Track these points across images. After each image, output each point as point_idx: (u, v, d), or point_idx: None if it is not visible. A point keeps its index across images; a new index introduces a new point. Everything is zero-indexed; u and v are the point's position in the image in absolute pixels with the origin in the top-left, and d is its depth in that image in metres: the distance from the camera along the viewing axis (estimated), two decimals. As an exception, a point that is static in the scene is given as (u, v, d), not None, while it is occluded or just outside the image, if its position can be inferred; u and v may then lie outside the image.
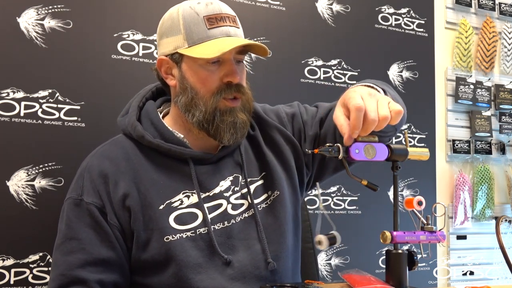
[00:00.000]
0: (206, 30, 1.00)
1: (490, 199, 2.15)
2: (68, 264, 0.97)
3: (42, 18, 1.45)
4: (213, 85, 1.02)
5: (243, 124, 1.04)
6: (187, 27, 1.01)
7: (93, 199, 1.00)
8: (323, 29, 1.89)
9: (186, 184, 1.04)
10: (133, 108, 1.11)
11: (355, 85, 1.04)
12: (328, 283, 0.98)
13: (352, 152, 0.92)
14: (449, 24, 2.19)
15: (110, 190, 1.01)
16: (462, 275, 2.11)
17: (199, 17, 1.00)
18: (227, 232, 1.04)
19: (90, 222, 0.99)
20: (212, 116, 1.02)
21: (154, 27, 1.59)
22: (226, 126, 1.02)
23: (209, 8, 1.02)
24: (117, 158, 1.04)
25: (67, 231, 1.00)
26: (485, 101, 2.20)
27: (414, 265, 0.94)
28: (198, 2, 1.03)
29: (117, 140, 1.10)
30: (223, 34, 1.01)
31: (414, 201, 0.95)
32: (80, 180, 1.04)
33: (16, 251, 1.37)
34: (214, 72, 1.02)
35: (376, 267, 1.91)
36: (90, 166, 1.04)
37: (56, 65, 1.45)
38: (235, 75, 1.01)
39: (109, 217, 1.00)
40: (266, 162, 1.13)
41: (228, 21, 1.02)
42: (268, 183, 1.12)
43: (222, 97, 1.02)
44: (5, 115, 1.39)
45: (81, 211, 1.00)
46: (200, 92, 1.02)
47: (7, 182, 1.38)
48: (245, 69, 1.10)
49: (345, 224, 1.87)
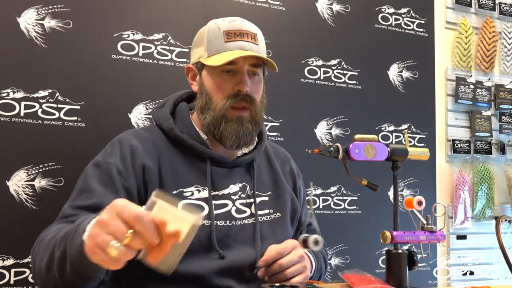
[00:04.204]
0: (223, 43, 1.11)
1: (490, 199, 2.15)
2: (71, 205, 1.03)
3: (42, 18, 1.45)
4: (225, 92, 1.12)
5: (247, 133, 1.13)
6: (209, 40, 1.13)
7: (116, 161, 1.07)
8: (323, 29, 1.89)
9: (200, 180, 1.12)
10: (169, 103, 1.22)
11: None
12: (328, 283, 0.98)
13: (352, 152, 0.92)
14: (449, 24, 2.19)
15: (134, 161, 1.08)
16: (462, 275, 2.11)
17: (219, 32, 1.12)
18: (226, 231, 1.11)
19: (106, 180, 1.05)
20: (219, 122, 1.12)
21: (154, 27, 1.60)
22: (229, 133, 1.11)
23: (231, 24, 1.13)
24: (147, 140, 1.14)
25: (82, 185, 1.06)
26: (485, 101, 2.20)
27: (414, 265, 0.95)
28: (223, 20, 1.15)
29: (149, 127, 1.22)
30: (238, 47, 1.11)
31: (414, 201, 0.95)
32: (109, 148, 1.13)
33: (16, 251, 1.37)
34: (227, 81, 1.12)
35: (376, 267, 1.91)
36: (122, 138, 1.13)
37: (56, 65, 1.45)
38: (243, 85, 1.10)
39: (124, 176, 1.06)
40: (277, 185, 1.24)
41: (246, 37, 1.13)
42: (272, 202, 1.22)
43: (230, 105, 1.11)
44: (5, 115, 1.39)
45: (101, 171, 1.07)
46: (214, 97, 1.13)
47: (7, 182, 1.38)
48: (262, 83, 1.18)
49: (345, 224, 1.87)
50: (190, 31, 1.65)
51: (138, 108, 1.54)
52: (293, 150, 1.44)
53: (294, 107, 1.81)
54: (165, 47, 1.60)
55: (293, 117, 1.80)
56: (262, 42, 1.17)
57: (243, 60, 1.11)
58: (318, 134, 1.85)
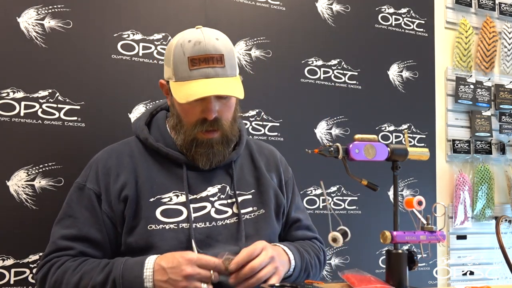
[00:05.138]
0: (188, 71, 1.10)
1: (490, 199, 2.15)
2: (61, 235, 1.12)
3: (42, 18, 1.45)
4: (192, 118, 1.13)
5: (218, 153, 1.16)
6: (175, 64, 1.12)
7: (94, 186, 1.14)
8: (323, 29, 1.90)
9: (177, 185, 1.16)
10: (145, 114, 1.26)
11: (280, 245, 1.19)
12: (328, 283, 0.98)
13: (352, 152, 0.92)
14: (449, 24, 2.19)
15: (110, 182, 1.14)
16: (462, 275, 2.11)
17: (184, 57, 1.10)
18: (207, 232, 1.14)
19: (87, 204, 1.13)
20: (190, 145, 1.14)
21: (154, 27, 1.60)
22: (200, 156, 1.15)
23: (195, 48, 1.10)
24: (123, 154, 1.18)
25: (67, 209, 1.14)
26: (485, 101, 2.20)
27: (414, 265, 0.94)
28: (189, 40, 1.11)
29: (128, 141, 1.24)
30: (202, 75, 1.09)
31: (414, 201, 0.95)
32: (88, 169, 1.18)
33: (16, 251, 1.37)
34: (195, 107, 1.12)
35: (376, 267, 1.91)
36: (99, 159, 1.18)
37: (56, 65, 1.45)
38: (209, 113, 1.11)
39: (102, 205, 1.13)
40: (260, 182, 1.25)
41: (211, 62, 1.10)
42: (256, 199, 1.23)
43: (198, 131, 1.13)
44: (5, 115, 1.39)
45: (82, 195, 1.14)
46: (183, 121, 1.15)
47: (7, 182, 1.38)
48: (232, 101, 1.16)
49: (345, 224, 1.86)
50: (190, 31, 1.65)
51: (138, 108, 1.54)
52: (293, 150, 1.44)
53: (294, 107, 1.81)
54: (165, 47, 1.60)
55: (293, 117, 1.80)
56: (231, 58, 1.13)
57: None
58: (318, 134, 1.85)
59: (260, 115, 1.74)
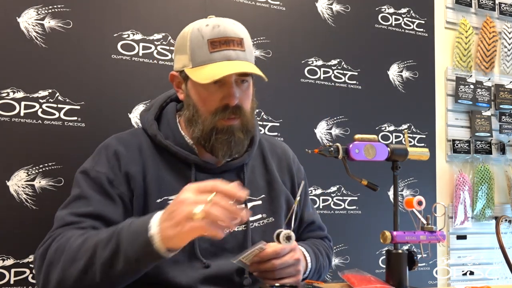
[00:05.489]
0: (208, 54, 1.05)
1: (490, 199, 2.15)
2: (70, 212, 1.02)
3: (42, 18, 1.45)
4: (212, 106, 1.07)
5: (238, 142, 1.09)
6: (192, 49, 1.06)
7: (105, 170, 1.06)
8: (323, 29, 1.89)
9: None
10: (154, 107, 1.18)
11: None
12: (328, 283, 0.98)
13: (352, 152, 0.92)
14: (449, 24, 2.19)
15: (121, 167, 1.07)
16: (462, 275, 2.11)
17: (203, 40, 1.05)
18: (211, 240, 1.06)
19: (99, 189, 1.05)
20: (209, 135, 1.07)
21: (154, 27, 1.60)
22: (220, 144, 1.07)
23: (215, 31, 1.06)
24: (132, 146, 1.11)
25: (76, 193, 1.05)
26: (485, 101, 2.20)
27: (414, 265, 0.94)
28: (206, 24, 1.07)
29: (136, 131, 1.17)
30: (223, 58, 1.05)
31: (414, 201, 0.95)
32: (96, 155, 1.11)
33: (16, 251, 1.37)
34: (214, 93, 1.06)
35: (376, 267, 1.91)
36: (108, 145, 1.11)
37: (56, 65, 1.45)
38: (232, 98, 1.05)
39: (116, 185, 1.05)
40: (272, 187, 1.19)
41: (232, 45, 1.06)
42: (266, 206, 1.17)
43: (219, 118, 1.06)
44: (5, 115, 1.39)
45: (91, 179, 1.06)
46: (200, 110, 1.08)
47: (7, 182, 1.38)
48: (251, 88, 1.13)
49: (345, 224, 1.87)
50: (190, 31, 1.65)
51: (138, 108, 1.54)
52: (293, 150, 1.44)
53: (294, 107, 1.81)
54: (165, 47, 1.60)
55: (293, 117, 1.80)
56: (249, 45, 1.11)
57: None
58: (318, 134, 1.85)
59: (260, 115, 1.74)
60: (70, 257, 0.92)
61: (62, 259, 0.92)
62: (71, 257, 0.91)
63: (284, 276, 1.04)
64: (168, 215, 0.85)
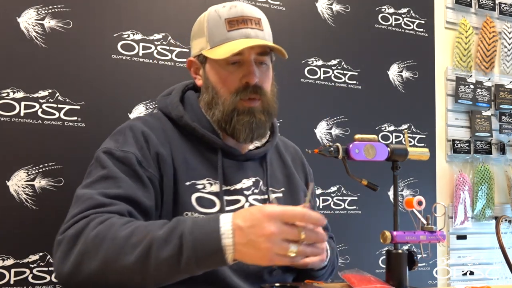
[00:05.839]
0: (226, 32, 1.04)
1: (490, 199, 2.15)
2: (99, 192, 0.92)
3: (42, 18, 1.45)
4: (232, 86, 1.05)
5: (260, 125, 1.06)
6: (210, 30, 1.05)
7: (134, 150, 0.99)
8: (323, 29, 1.89)
9: (211, 173, 1.05)
10: (176, 91, 1.14)
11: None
12: (328, 283, 0.98)
13: (352, 152, 0.92)
14: (449, 24, 2.19)
15: (150, 148, 1.01)
16: (462, 275, 2.11)
17: (220, 20, 1.05)
18: None
19: (128, 170, 0.96)
20: (230, 116, 1.04)
21: (154, 27, 1.60)
22: (242, 126, 1.04)
23: (232, 11, 1.05)
24: (157, 129, 1.06)
25: (102, 173, 0.95)
26: (485, 101, 2.20)
27: (414, 265, 0.94)
28: (223, 6, 1.07)
29: (156, 115, 1.12)
30: (242, 36, 1.04)
31: (414, 201, 0.95)
32: (120, 135, 1.03)
33: (16, 251, 1.37)
34: (234, 73, 1.05)
35: (376, 267, 1.91)
36: (133, 125, 1.05)
37: (56, 65, 1.45)
38: (252, 76, 1.04)
39: (145, 167, 0.98)
40: (290, 181, 1.18)
41: (250, 23, 1.05)
42: (286, 199, 1.15)
43: (239, 98, 1.04)
44: (5, 115, 1.39)
45: (118, 160, 0.97)
46: (220, 91, 1.06)
47: (7, 182, 1.38)
48: (270, 71, 1.12)
49: (345, 224, 1.87)
50: (190, 31, 1.65)
51: (138, 108, 1.54)
52: (293, 150, 1.44)
53: (294, 107, 1.81)
54: (165, 47, 1.60)
55: (293, 117, 1.80)
56: (267, 26, 1.10)
57: (249, 50, 1.04)
58: (318, 134, 1.85)
59: (260, 115, 1.74)
60: (115, 250, 0.81)
61: (105, 250, 0.81)
62: (117, 250, 0.80)
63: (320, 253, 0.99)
64: (247, 240, 0.77)
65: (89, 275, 0.82)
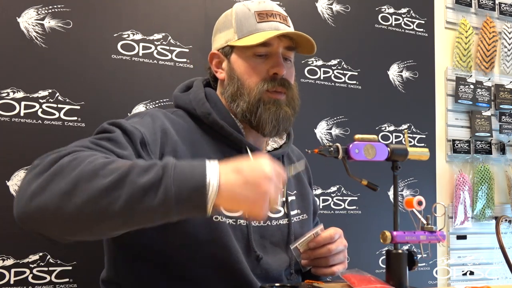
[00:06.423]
0: (256, 24, 1.04)
1: (490, 199, 2.15)
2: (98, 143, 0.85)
3: (42, 18, 1.45)
4: (259, 76, 1.03)
5: (286, 117, 1.04)
6: (238, 21, 1.05)
7: (144, 131, 0.91)
8: (323, 29, 1.89)
9: None
10: (199, 86, 1.10)
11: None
12: (328, 283, 0.98)
13: (352, 152, 0.92)
14: (449, 24, 2.19)
15: (165, 143, 0.95)
16: (462, 275, 2.11)
17: (250, 12, 1.05)
18: (261, 232, 1.04)
19: (132, 145, 0.89)
20: (256, 106, 1.02)
21: (154, 27, 1.60)
22: (268, 116, 1.02)
23: (261, 5, 1.06)
24: (179, 124, 1.02)
25: (105, 136, 0.88)
26: (485, 101, 2.20)
27: (414, 265, 0.94)
28: (252, 1, 1.08)
29: (176, 112, 1.07)
30: (271, 28, 1.03)
31: (414, 201, 0.95)
32: (136, 118, 0.97)
33: (16, 251, 1.37)
34: (261, 64, 1.04)
35: (376, 267, 1.91)
36: (154, 115, 0.99)
37: (56, 65, 1.45)
38: (281, 68, 1.03)
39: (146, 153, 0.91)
40: (301, 184, 1.18)
41: (279, 18, 1.06)
42: (299, 203, 1.15)
43: (266, 89, 1.02)
44: (5, 115, 1.39)
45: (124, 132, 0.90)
46: (246, 82, 1.03)
47: (7, 182, 1.38)
48: (293, 69, 1.11)
49: (345, 224, 1.86)
50: (190, 31, 1.65)
51: (138, 108, 1.54)
52: (293, 150, 1.44)
53: (294, 107, 1.81)
54: (165, 47, 1.60)
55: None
56: (292, 26, 1.10)
57: (278, 42, 1.03)
58: (318, 134, 1.85)
59: (260, 115, 1.74)
60: (90, 171, 0.72)
61: (79, 171, 0.73)
62: (92, 172, 0.72)
63: (336, 263, 1.02)
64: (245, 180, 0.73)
65: (51, 196, 0.72)
